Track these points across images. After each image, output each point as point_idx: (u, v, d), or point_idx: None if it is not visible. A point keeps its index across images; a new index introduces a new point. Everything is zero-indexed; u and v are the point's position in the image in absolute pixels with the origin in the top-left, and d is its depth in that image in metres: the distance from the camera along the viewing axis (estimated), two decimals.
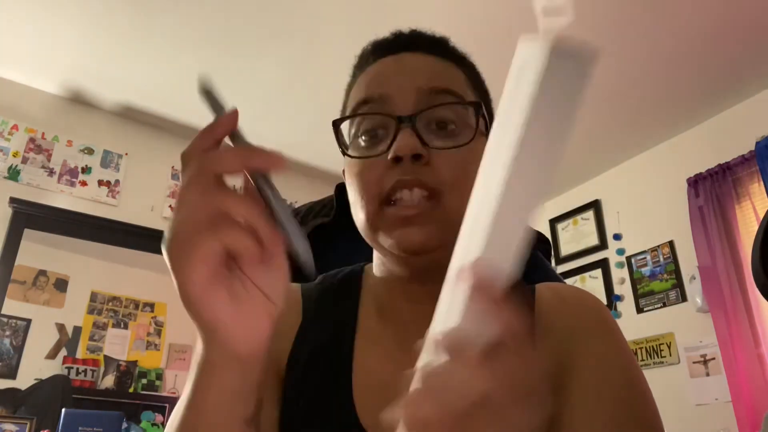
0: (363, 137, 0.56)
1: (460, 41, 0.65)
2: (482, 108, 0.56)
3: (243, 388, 0.40)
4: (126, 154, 3.12)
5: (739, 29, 2.51)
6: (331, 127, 0.59)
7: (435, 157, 0.53)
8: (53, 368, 2.70)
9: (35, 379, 2.54)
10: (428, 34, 0.62)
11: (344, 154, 0.58)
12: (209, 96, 0.41)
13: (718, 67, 2.76)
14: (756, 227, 1.13)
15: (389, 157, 0.52)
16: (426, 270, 0.56)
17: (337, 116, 0.62)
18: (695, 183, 3.08)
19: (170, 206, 3.17)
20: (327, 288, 0.65)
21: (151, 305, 3.34)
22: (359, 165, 0.55)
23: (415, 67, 0.57)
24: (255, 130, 3.48)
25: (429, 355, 0.32)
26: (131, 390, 3.01)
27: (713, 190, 2.98)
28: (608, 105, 3.02)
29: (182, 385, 0.44)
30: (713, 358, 2.86)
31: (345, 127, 0.59)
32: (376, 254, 0.63)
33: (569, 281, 3.59)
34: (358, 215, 0.57)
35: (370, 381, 0.56)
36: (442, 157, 0.53)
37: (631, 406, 0.52)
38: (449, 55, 0.60)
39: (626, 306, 3.34)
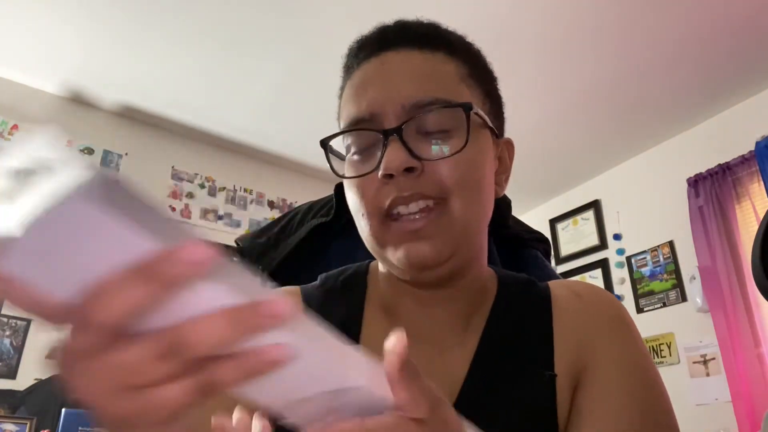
0: (355, 152, 0.55)
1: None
2: (472, 107, 0.52)
3: None
4: (126, 154, 3.12)
5: (739, 29, 2.51)
6: (329, 133, 0.57)
7: (429, 166, 0.51)
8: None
9: (35, 379, 2.54)
10: (414, 25, 0.59)
11: (336, 174, 0.56)
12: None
13: (718, 67, 2.76)
14: (756, 227, 1.13)
15: (380, 174, 0.50)
16: (433, 278, 0.55)
17: (337, 115, 0.61)
18: (695, 183, 3.08)
19: (170, 206, 3.17)
20: (330, 290, 0.64)
21: None
22: (355, 181, 0.54)
23: (399, 73, 0.54)
24: (255, 130, 3.46)
25: None
26: None
27: (713, 190, 2.98)
28: (608, 105, 3.02)
29: None
30: (713, 358, 2.86)
31: (339, 139, 0.57)
32: None
33: None
34: (362, 230, 0.55)
35: None
36: (436, 165, 0.51)
37: (649, 404, 0.52)
38: (439, 45, 0.57)
39: (626, 306, 3.32)
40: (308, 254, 0.90)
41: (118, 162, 3.08)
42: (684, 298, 3.09)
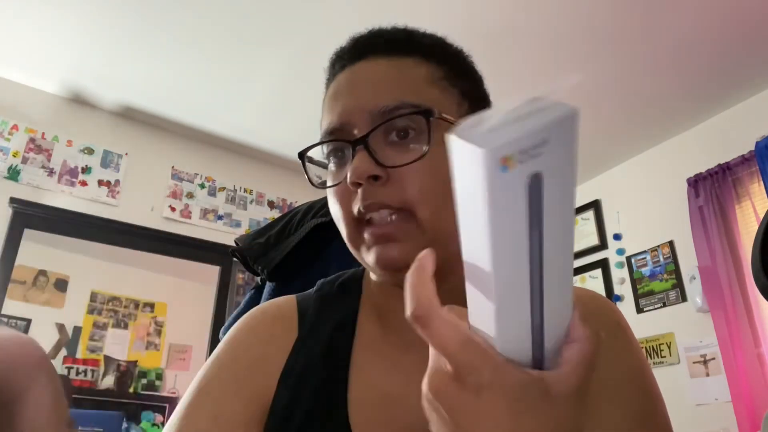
0: (331, 160, 0.57)
1: (461, 41, 0.64)
2: (433, 113, 0.52)
3: None
4: (126, 154, 3.12)
5: (739, 29, 2.51)
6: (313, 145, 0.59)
7: (395, 174, 0.52)
8: None
9: None
10: (386, 33, 0.60)
11: (312, 184, 0.59)
12: None
13: (719, 67, 2.76)
14: (756, 227, 1.13)
15: (347, 182, 0.52)
16: None
17: None
18: (695, 183, 3.08)
19: (170, 206, 3.17)
20: (325, 295, 0.64)
21: (151, 305, 3.35)
22: (332, 189, 0.56)
23: (366, 81, 0.56)
24: (255, 130, 3.47)
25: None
26: (131, 390, 3.01)
27: (713, 190, 2.98)
28: (608, 105, 3.02)
29: (182, 385, 0.44)
30: (713, 358, 2.86)
31: (319, 150, 0.59)
32: None
33: None
34: (342, 235, 0.57)
35: (366, 389, 0.54)
36: (402, 173, 0.52)
37: (646, 410, 0.52)
38: (410, 50, 0.57)
39: (626, 306, 3.34)
40: (308, 254, 0.90)
41: (118, 162, 3.08)
42: (684, 298, 3.09)
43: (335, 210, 0.56)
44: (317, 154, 0.59)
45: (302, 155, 0.59)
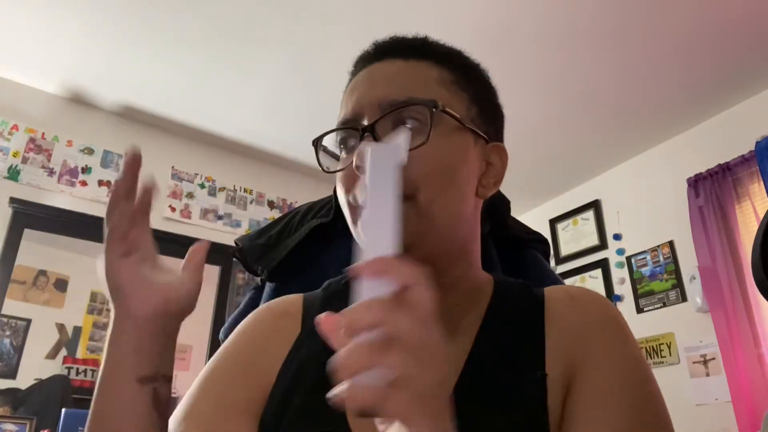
0: (342, 149, 0.61)
1: (460, 41, 0.65)
2: (437, 105, 0.55)
3: (136, 347, 0.48)
4: (126, 154, 3.12)
5: (739, 30, 2.52)
6: (324, 135, 0.63)
7: None
8: (53, 368, 2.70)
9: (35, 379, 2.54)
10: (405, 39, 0.63)
11: (322, 170, 0.62)
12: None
13: (718, 68, 2.76)
14: (756, 227, 1.13)
15: (353, 166, 0.55)
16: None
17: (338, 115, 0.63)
18: (695, 183, 3.08)
19: (170, 206, 3.17)
20: (332, 293, 0.66)
21: None
22: (339, 175, 0.60)
23: (380, 77, 0.59)
24: (255, 130, 3.46)
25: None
26: None
27: (713, 190, 2.98)
28: (608, 105, 3.02)
29: (182, 385, 0.46)
30: (713, 358, 2.87)
31: (333, 142, 0.62)
32: None
33: (569, 281, 3.59)
34: (348, 223, 0.60)
35: None
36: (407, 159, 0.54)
37: (642, 404, 0.52)
38: (425, 55, 0.61)
39: (626, 306, 3.34)
40: (308, 255, 0.90)
41: (118, 162, 3.08)
42: (684, 298, 3.09)
43: (340, 195, 0.59)
44: (332, 145, 0.63)
45: (316, 143, 0.63)
